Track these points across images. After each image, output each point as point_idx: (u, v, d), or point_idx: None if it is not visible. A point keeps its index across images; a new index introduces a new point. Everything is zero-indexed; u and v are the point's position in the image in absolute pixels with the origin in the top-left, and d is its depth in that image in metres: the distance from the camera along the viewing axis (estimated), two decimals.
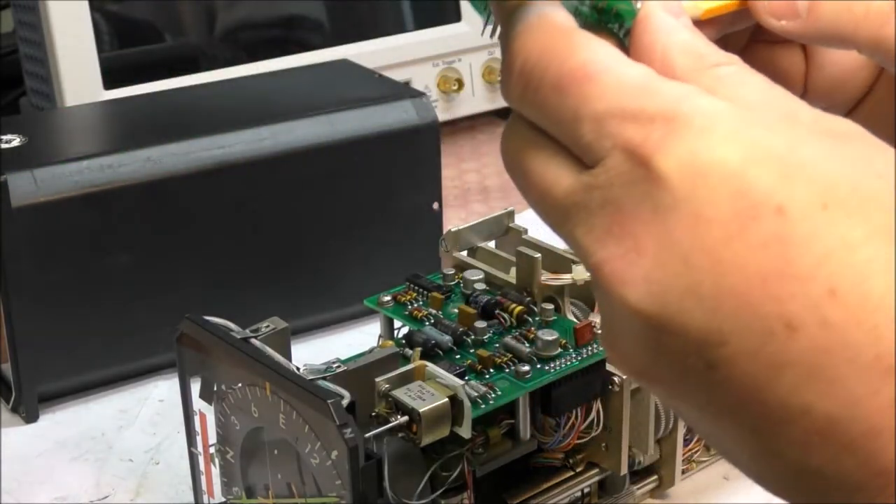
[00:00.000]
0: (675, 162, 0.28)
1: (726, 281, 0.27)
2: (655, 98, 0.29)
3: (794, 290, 0.26)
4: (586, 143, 0.29)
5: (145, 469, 0.64)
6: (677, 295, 0.28)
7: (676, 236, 0.28)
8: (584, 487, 0.57)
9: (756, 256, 0.27)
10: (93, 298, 0.68)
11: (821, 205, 0.27)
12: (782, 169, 0.27)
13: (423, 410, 0.47)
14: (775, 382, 0.27)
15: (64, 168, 0.67)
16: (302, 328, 0.74)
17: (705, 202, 0.27)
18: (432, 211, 0.78)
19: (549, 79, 0.30)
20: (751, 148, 0.27)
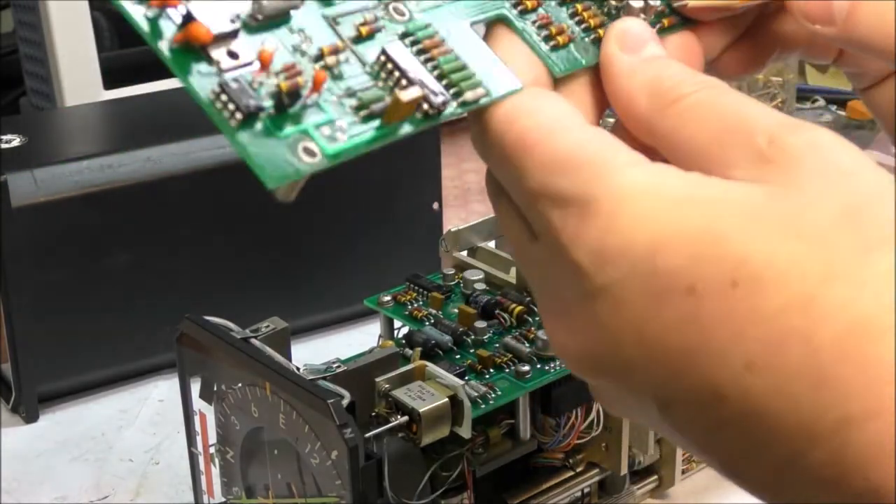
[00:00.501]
0: (588, 251, 0.28)
1: (653, 356, 0.28)
2: (578, 175, 0.29)
3: (714, 365, 0.27)
4: (528, 215, 0.31)
5: (145, 469, 0.64)
6: (614, 369, 0.29)
7: (602, 319, 0.29)
8: (584, 487, 0.57)
9: (675, 335, 0.27)
10: (93, 298, 0.68)
11: (730, 283, 0.27)
12: (691, 249, 0.27)
13: (423, 410, 0.47)
14: (717, 439, 0.28)
15: (64, 168, 0.67)
16: (302, 328, 0.74)
17: (621, 287, 0.28)
18: (432, 211, 0.78)
19: (497, 149, 0.31)
20: (659, 230, 0.28)
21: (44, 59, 0.89)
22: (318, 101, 0.28)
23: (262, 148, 0.27)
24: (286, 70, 0.28)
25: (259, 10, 0.29)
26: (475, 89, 0.30)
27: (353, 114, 0.29)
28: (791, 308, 0.26)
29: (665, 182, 0.28)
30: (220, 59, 0.27)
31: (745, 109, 0.29)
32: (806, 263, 0.26)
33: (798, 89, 1.09)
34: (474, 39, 0.32)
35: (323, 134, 0.28)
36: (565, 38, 0.33)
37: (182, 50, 0.28)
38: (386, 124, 0.29)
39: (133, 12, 0.28)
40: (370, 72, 0.30)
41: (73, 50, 0.88)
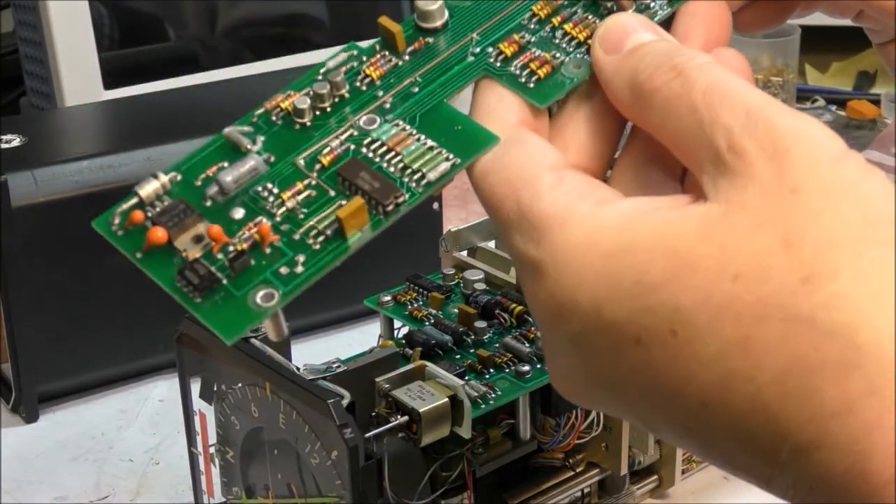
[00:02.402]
0: (543, 309, 0.30)
1: (623, 398, 0.29)
2: (528, 238, 0.30)
3: (673, 406, 0.28)
4: None
5: (145, 469, 0.64)
6: (600, 403, 0.31)
7: (574, 366, 0.30)
8: (584, 487, 0.57)
9: (633, 381, 0.28)
10: (93, 298, 0.68)
11: (670, 332, 0.27)
12: (629, 303, 0.28)
13: (423, 410, 0.47)
14: (706, 458, 0.30)
15: (64, 168, 0.67)
16: (302, 328, 0.74)
17: (578, 341, 0.29)
18: (432, 211, 0.78)
19: (481, 201, 0.32)
20: (598, 288, 0.28)
21: (44, 59, 0.89)
22: (279, 246, 0.32)
23: (221, 313, 0.30)
24: (246, 230, 0.32)
25: (222, 189, 0.32)
26: (437, 167, 0.32)
27: (313, 243, 0.32)
28: (729, 350, 0.26)
29: (603, 235, 0.29)
30: (185, 247, 0.31)
31: (715, 101, 0.28)
32: (739, 305, 0.26)
33: (798, 89, 1.09)
34: (448, 114, 0.33)
35: (280, 275, 0.31)
36: (547, 70, 0.33)
37: (152, 254, 0.32)
38: (348, 239, 0.32)
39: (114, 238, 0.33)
40: (334, 195, 0.32)
41: (73, 50, 0.88)
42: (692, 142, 0.29)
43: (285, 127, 0.34)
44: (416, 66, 0.34)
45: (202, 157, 0.33)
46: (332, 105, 0.34)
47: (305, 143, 0.33)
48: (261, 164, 0.33)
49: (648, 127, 0.31)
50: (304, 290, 0.33)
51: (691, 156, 0.29)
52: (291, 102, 0.34)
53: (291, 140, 0.33)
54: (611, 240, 0.28)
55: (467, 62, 0.34)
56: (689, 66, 0.29)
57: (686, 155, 0.29)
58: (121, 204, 0.32)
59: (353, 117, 0.33)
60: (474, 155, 0.32)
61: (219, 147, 0.34)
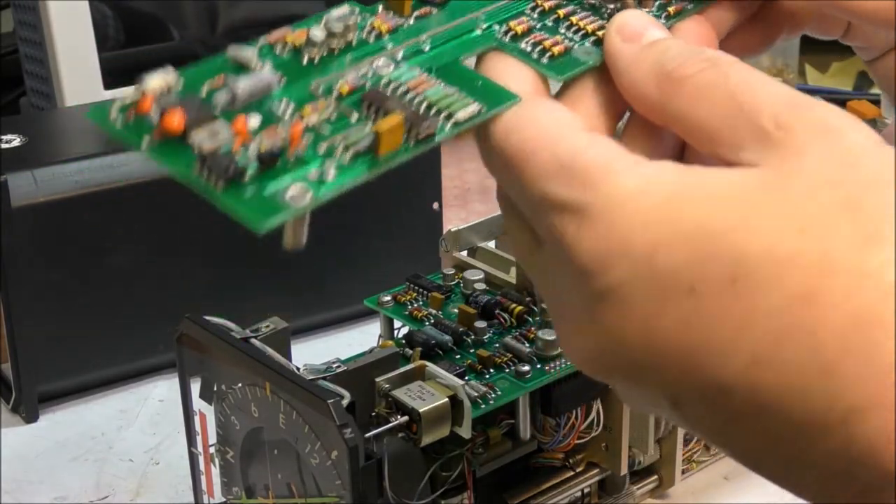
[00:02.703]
0: (589, 255, 0.29)
1: (660, 357, 0.28)
2: (574, 183, 0.29)
3: (720, 362, 0.27)
4: (532, 224, 0.31)
5: (145, 469, 0.64)
6: (622, 370, 0.30)
7: (608, 322, 0.29)
8: (584, 487, 0.57)
9: (679, 335, 0.28)
10: (93, 298, 0.68)
11: (730, 280, 0.27)
12: (688, 249, 0.27)
13: (423, 410, 0.47)
14: (729, 433, 0.28)
15: (64, 168, 0.67)
16: (302, 328, 0.74)
17: (623, 291, 0.28)
18: (432, 211, 0.78)
19: (498, 160, 0.31)
20: (655, 233, 0.28)
21: (44, 59, 0.89)
22: (303, 155, 0.29)
23: (248, 202, 0.28)
24: (266, 134, 0.29)
25: (234, 98, 0.30)
26: (467, 108, 0.31)
27: (342, 156, 0.29)
28: (792, 302, 0.26)
29: (660, 181, 0.28)
30: (199, 140, 0.29)
31: (753, 87, 0.29)
32: (805, 256, 0.26)
33: (798, 89, 1.09)
34: (464, 71, 0.32)
35: (310, 178, 0.29)
36: (560, 49, 0.33)
37: (163, 144, 0.29)
38: (377, 158, 0.29)
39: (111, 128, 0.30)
40: (357, 118, 0.30)
41: (73, 50, 0.88)
42: (728, 125, 0.29)
43: (292, 60, 0.32)
44: (424, 29, 0.33)
45: (205, 69, 0.31)
46: (339, 49, 0.32)
47: (316, 75, 0.31)
48: (274, 81, 0.31)
49: (667, 114, 0.30)
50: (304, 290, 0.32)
51: (724, 139, 0.29)
52: (302, 35, 0.32)
53: (301, 71, 0.32)
54: (668, 187, 0.28)
55: (476, 34, 0.33)
56: (721, 59, 0.30)
57: (715, 139, 0.29)
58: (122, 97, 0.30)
59: (365, 60, 0.32)
60: (499, 107, 0.31)
61: (222, 63, 0.31)
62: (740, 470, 0.62)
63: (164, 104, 0.29)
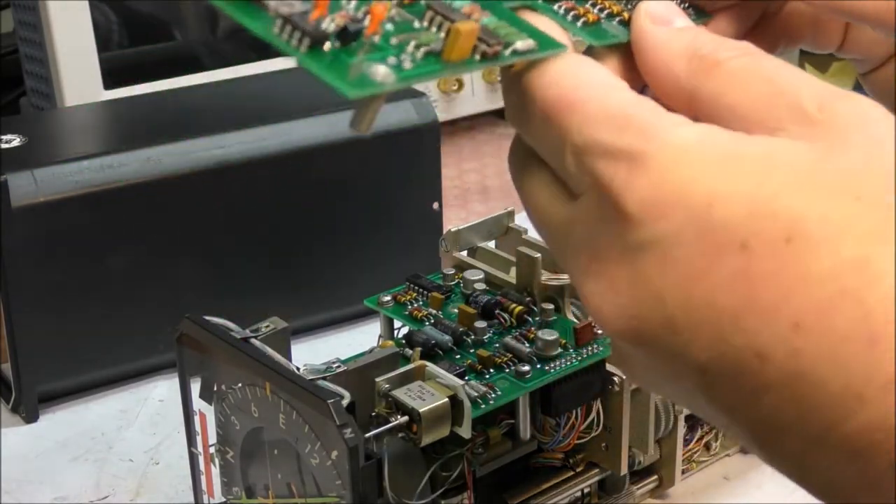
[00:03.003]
0: (639, 201, 0.28)
1: (698, 315, 0.28)
2: (628, 132, 0.29)
3: (761, 324, 0.27)
4: (570, 174, 0.30)
5: (145, 469, 0.64)
6: (654, 328, 0.29)
7: (647, 275, 0.28)
8: (584, 487, 0.57)
9: (723, 293, 0.27)
10: (93, 298, 0.68)
11: (784, 239, 0.26)
12: (746, 205, 0.27)
13: (423, 410, 0.47)
14: (755, 406, 0.27)
15: (64, 168, 0.67)
16: (302, 328, 0.74)
17: (671, 241, 0.28)
18: (432, 211, 0.78)
19: (538, 106, 0.30)
20: (714, 185, 0.27)
21: (44, 59, 0.89)
22: (377, 42, 0.29)
23: (336, 66, 0.27)
24: (341, 16, 0.28)
25: None
26: (525, 40, 0.30)
27: (414, 52, 0.29)
28: (845, 268, 0.26)
29: (719, 138, 0.28)
30: (275, 5, 0.28)
31: (791, 74, 0.29)
32: (860, 223, 0.26)
33: None
34: (509, 12, 0.32)
35: (389, 63, 0.28)
36: (594, 17, 0.33)
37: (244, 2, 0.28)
38: (447, 61, 0.29)
39: None
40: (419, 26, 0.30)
41: (73, 50, 0.88)
42: (766, 107, 0.29)
43: None
44: None
45: None
46: None
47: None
48: None
49: (697, 96, 0.30)
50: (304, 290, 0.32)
51: (761, 121, 0.29)
52: None
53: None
54: (727, 145, 0.28)
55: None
56: (754, 48, 0.30)
57: (752, 120, 0.29)
58: None
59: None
60: (549, 50, 0.31)
61: None
62: (740, 470, 0.62)
63: None
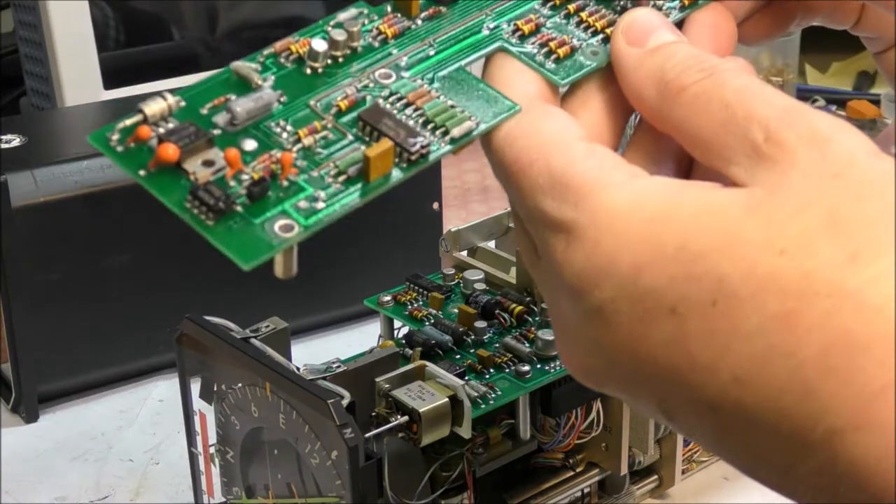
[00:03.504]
0: (577, 274, 0.29)
1: (648, 373, 0.29)
2: (566, 200, 0.29)
3: (703, 380, 0.27)
4: (531, 233, 0.31)
5: (145, 469, 0.64)
6: (617, 383, 0.30)
7: (598, 338, 0.29)
8: (584, 487, 0.57)
9: (663, 353, 0.28)
10: (93, 298, 0.68)
11: (710, 302, 0.27)
12: (671, 270, 0.27)
13: (423, 410, 0.47)
14: (723, 445, 0.29)
15: (64, 168, 0.67)
16: (302, 328, 0.74)
17: (608, 309, 0.29)
18: (432, 211, 0.78)
19: (498, 168, 0.31)
20: (639, 253, 0.28)
21: (44, 59, 0.89)
22: (296, 180, 0.30)
23: (237, 237, 0.29)
24: (260, 161, 0.30)
25: (233, 118, 0.31)
26: (462, 125, 0.31)
27: (333, 182, 0.30)
28: (772, 324, 0.26)
29: (649, 200, 0.28)
30: (194, 169, 0.29)
31: (749, 97, 0.29)
32: (785, 277, 0.26)
33: (798, 89, 1.09)
34: (466, 78, 0.33)
35: (300, 208, 0.30)
36: (566, 50, 0.33)
37: (159, 173, 0.30)
38: (371, 182, 0.30)
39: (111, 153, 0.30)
40: (352, 139, 0.31)
41: (73, 50, 0.88)
42: (721, 137, 0.29)
43: (296, 71, 0.32)
44: (431, 31, 0.34)
45: (208, 87, 0.32)
46: (344, 56, 0.33)
47: (318, 88, 0.32)
48: (273, 100, 0.31)
49: (666, 123, 0.30)
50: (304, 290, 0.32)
51: (717, 151, 0.29)
52: (306, 44, 0.32)
53: (303, 84, 0.32)
54: (654, 206, 0.28)
55: (483, 34, 0.34)
56: (720, 68, 0.30)
57: (710, 150, 0.29)
58: (122, 120, 0.30)
59: (368, 70, 0.32)
60: (497, 119, 0.31)
61: (225, 80, 0.32)
62: None
63: (162, 131, 0.30)
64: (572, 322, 0.30)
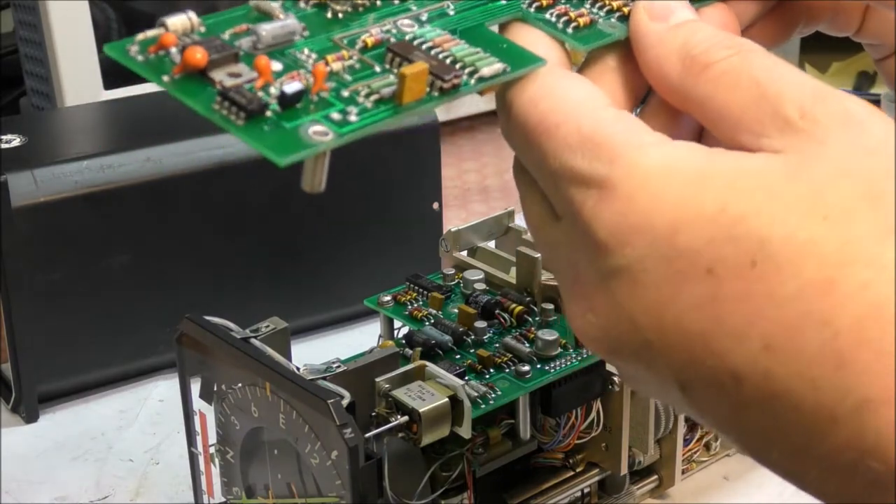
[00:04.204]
0: (607, 229, 0.28)
1: (671, 339, 0.28)
2: (598, 157, 0.29)
3: (732, 346, 0.27)
4: (550, 197, 0.31)
5: (145, 469, 0.64)
6: (632, 351, 0.29)
7: (621, 299, 0.29)
8: (584, 487, 0.57)
9: (692, 317, 0.27)
10: (93, 298, 0.68)
11: (749, 263, 0.27)
12: (710, 230, 0.27)
13: (423, 410, 0.47)
14: (739, 421, 0.28)
15: (64, 168, 0.67)
16: (302, 328, 0.74)
17: (638, 268, 0.28)
18: (432, 211, 0.78)
19: (518, 130, 0.31)
20: (677, 211, 0.28)
21: (44, 59, 0.89)
22: (327, 97, 0.29)
23: (270, 136, 0.28)
24: (289, 77, 0.29)
25: (258, 41, 0.30)
26: (492, 66, 0.31)
27: (365, 101, 0.29)
28: (809, 291, 0.26)
29: (685, 161, 0.28)
30: (220, 79, 0.29)
31: (779, 76, 0.29)
32: (825, 245, 0.26)
33: None
34: (488, 34, 0.32)
35: (333, 119, 0.29)
36: (586, 20, 0.33)
37: (184, 79, 0.29)
38: (399, 105, 0.29)
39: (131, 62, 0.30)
40: (380, 71, 0.30)
41: (73, 50, 0.88)
42: (751, 112, 0.29)
43: (316, 14, 0.32)
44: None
45: (228, 17, 0.31)
46: (363, 7, 0.32)
47: (341, 28, 0.31)
48: (297, 30, 0.31)
49: (688, 98, 0.30)
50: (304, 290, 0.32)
51: (746, 126, 0.29)
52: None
53: (324, 25, 0.31)
54: (691, 168, 0.28)
55: (501, 2, 0.33)
56: (746, 47, 0.30)
57: (738, 126, 0.29)
58: (142, 34, 0.30)
59: (389, 19, 0.32)
60: (524, 68, 0.31)
61: (244, 14, 0.31)
62: (740, 470, 0.62)
63: (186, 42, 0.29)
64: (592, 284, 0.29)
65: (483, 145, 1.07)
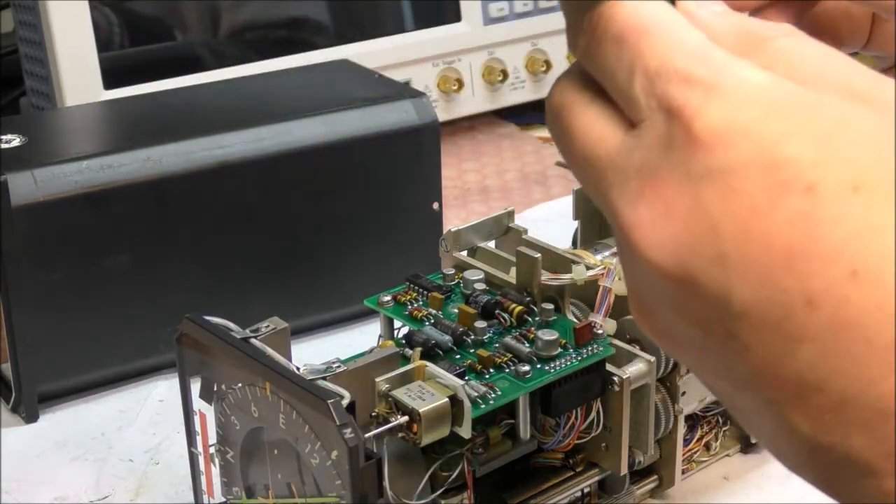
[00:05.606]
0: (710, 127, 0.28)
1: (752, 253, 0.27)
2: (705, 63, 0.29)
3: (817, 269, 0.26)
4: (635, 98, 0.30)
5: (145, 469, 0.64)
6: (703, 261, 0.28)
7: (706, 204, 0.28)
8: (584, 487, 0.57)
9: (783, 232, 0.27)
10: (93, 298, 0.68)
11: (852, 187, 0.26)
12: (818, 148, 0.27)
13: (423, 410, 0.47)
14: (792, 357, 0.27)
15: (64, 168, 0.67)
16: (302, 328, 0.74)
17: (737, 173, 0.27)
18: (432, 211, 0.78)
19: (612, 31, 0.30)
20: (786, 124, 0.27)
21: (44, 59, 0.89)
22: None
23: None
24: None
25: None
26: None
27: None
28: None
29: (793, 87, 0.28)
30: None
31: (837, 55, 0.29)
32: None
33: None
34: None
35: None
36: None
37: None
38: None
39: None
40: None
41: (73, 50, 0.88)
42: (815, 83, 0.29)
43: None
44: None
45: None
46: None
47: None
48: None
49: None
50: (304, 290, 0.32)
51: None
52: None
53: None
54: (798, 94, 0.28)
55: None
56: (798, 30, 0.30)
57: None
58: None
59: None
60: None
61: None
62: (740, 470, 0.62)
63: None
64: (675, 187, 0.28)
65: (483, 145, 1.07)
